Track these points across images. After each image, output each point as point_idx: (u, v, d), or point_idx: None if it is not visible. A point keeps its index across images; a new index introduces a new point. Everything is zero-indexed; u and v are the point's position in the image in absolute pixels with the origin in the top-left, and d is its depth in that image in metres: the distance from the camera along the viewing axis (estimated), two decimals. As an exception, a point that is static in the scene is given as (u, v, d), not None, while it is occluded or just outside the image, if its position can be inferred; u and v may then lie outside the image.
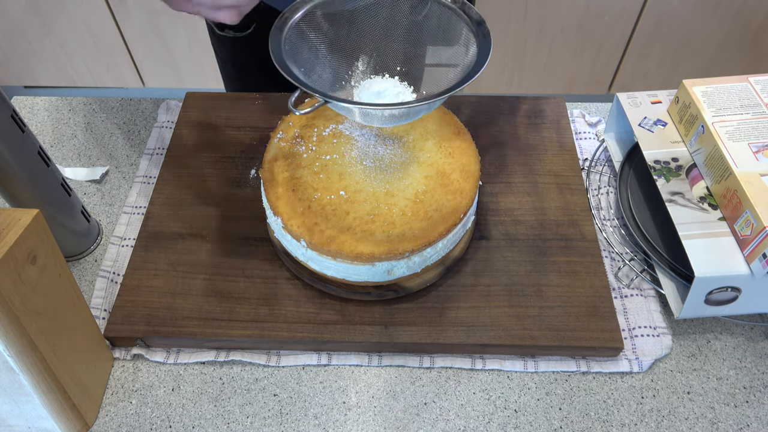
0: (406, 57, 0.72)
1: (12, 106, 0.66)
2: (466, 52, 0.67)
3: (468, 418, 0.67)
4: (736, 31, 1.73)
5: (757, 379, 0.70)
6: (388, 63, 0.72)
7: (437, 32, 0.70)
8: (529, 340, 0.70)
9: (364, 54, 0.72)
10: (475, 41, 0.66)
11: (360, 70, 0.73)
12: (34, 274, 0.56)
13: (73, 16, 1.75)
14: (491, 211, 0.81)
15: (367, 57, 0.72)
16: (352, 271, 0.69)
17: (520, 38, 1.76)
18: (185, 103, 0.94)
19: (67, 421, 0.64)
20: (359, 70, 0.73)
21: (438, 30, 0.70)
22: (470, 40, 0.67)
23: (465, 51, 0.67)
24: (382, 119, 0.66)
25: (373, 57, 0.72)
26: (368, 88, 0.71)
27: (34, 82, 1.97)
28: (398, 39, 0.71)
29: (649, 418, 0.67)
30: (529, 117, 0.92)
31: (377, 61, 0.72)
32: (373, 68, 0.73)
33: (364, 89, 0.71)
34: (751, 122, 0.73)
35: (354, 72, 0.73)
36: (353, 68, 0.72)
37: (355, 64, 0.72)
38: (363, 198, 0.70)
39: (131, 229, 0.82)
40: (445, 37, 0.69)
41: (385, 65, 0.73)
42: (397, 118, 0.66)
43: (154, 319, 0.71)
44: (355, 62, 0.72)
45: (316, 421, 0.67)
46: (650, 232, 0.76)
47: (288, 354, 0.72)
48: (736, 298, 0.68)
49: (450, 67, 0.69)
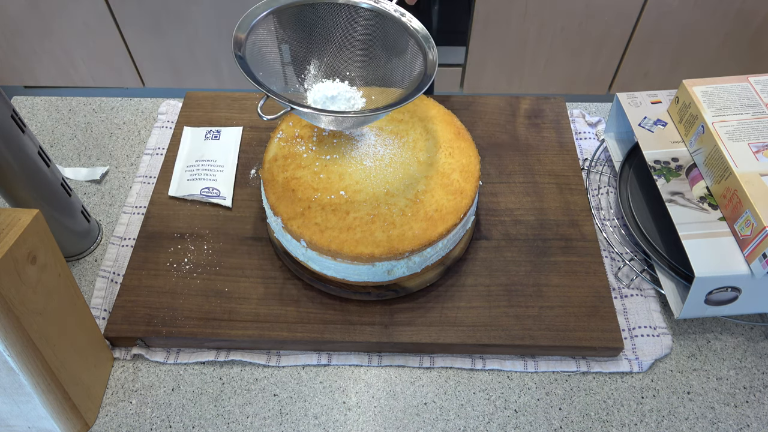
0: (358, 63, 0.75)
1: (12, 106, 0.66)
2: (414, 62, 0.71)
3: (468, 418, 0.67)
4: (736, 31, 1.73)
5: (757, 379, 0.70)
6: (340, 68, 0.75)
7: (387, 42, 0.73)
8: (529, 340, 0.70)
9: (317, 58, 0.74)
10: (422, 55, 0.70)
11: (312, 73, 0.75)
12: (34, 274, 0.56)
13: (73, 16, 1.75)
14: (491, 211, 0.81)
15: (319, 62, 0.75)
16: (352, 271, 0.69)
17: (520, 38, 1.76)
18: (185, 103, 0.94)
19: (67, 421, 0.64)
20: (311, 74, 0.75)
21: (387, 40, 0.73)
22: (417, 52, 0.70)
23: (412, 61, 0.71)
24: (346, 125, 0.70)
25: (324, 62, 0.75)
26: (321, 91, 0.73)
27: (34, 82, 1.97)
28: (351, 46, 0.74)
29: (649, 418, 0.67)
30: (529, 117, 0.92)
31: (329, 66, 0.75)
32: (324, 72, 0.75)
33: (317, 92, 0.74)
34: (751, 122, 0.73)
35: (306, 75, 0.75)
36: (306, 72, 0.75)
37: (308, 68, 0.75)
38: (363, 198, 0.70)
39: (131, 229, 0.82)
40: (393, 47, 0.73)
41: (337, 70, 0.75)
42: (359, 123, 0.70)
43: (154, 319, 0.71)
44: (308, 66, 0.75)
45: (316, 421, 0.67)
46: (650, 232, 0.76)
47: (288, 354, 0.72)
48: (736, 298, 0.68)
49: (398, 76, 0.73)
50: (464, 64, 1.86)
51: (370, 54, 0.74)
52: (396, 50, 0.72)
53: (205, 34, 1.77)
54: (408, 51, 0.71)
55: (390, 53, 0.73)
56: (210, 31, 1.76)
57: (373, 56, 0.74)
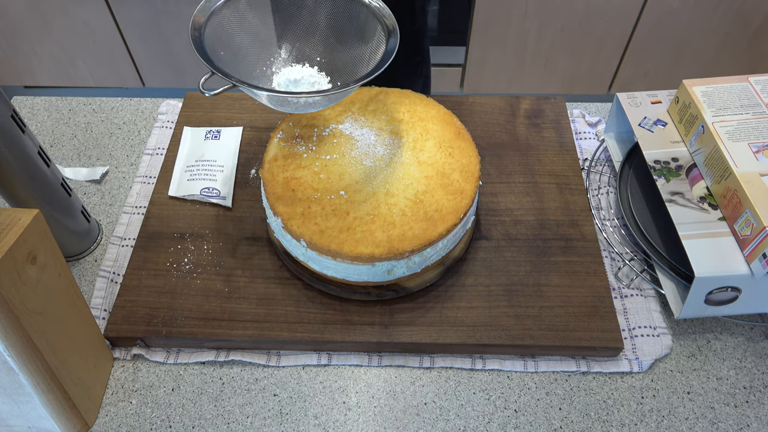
0: (326, 49, 0.75)
1: (12, 106, 0.66)
2: (377, 49, 0.70)
3: (468, 418, 0.67)
4: (736, 31, 1.73)
5: (757, 379, 0.70)
6: (309, 53, 0.75)
7: (354, 28, 0.73)
8: (529, 340, 0.70)
9: (287, 43, 0.74)
10: (385, 40, 0.69)
11: (282, 58, 0.75)
12: (34, 274, 0.56)
13: (73, 16, 1.75)
14: (491, 211, 0.81)
15: (290, 46, 0.75)
16: (352, 271, 0.69)
17: (520, 38, 1.76)
18: (185, 103, 0.94)
19: (67, 421, 0.64)
20: (281, 58, 0.75)
21: (355, 26, 0.73)
22: (382, 39, 0.70)
23: (376, 48, 0.70)
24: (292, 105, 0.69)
25: (295, 46, 0.75)
26: (287, 75, 0.73)
27: (34, 82, 1.97)
28: (318, 31, 0.74)
29: (649, 418, 0.67)
30: (529, 117, 0.92)
31: (299, 51, 0.75)
32: (294, 57, 0.75)
33: (282, 76, 0.74)
34: (751, 122, 0.73)
35: (275, 59, 0.75)
36: (275, 56, 0.75)
37: (278, 52, 0.75)
38: (363, 198, 0.70)
39: (131, 229, 0.82)
40: (360, 33, 0.72)
41: (306, 55, 0.75)
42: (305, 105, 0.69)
43: (154, 319, 0.71)
44: (277, 50, 0.75)
45: (316, 421, 0.67)
46: (650, 232, 0.76)
47: (288, 354, 0.72)
48: (736, 298, 0.68)
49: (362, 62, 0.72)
50: (464, 64, 1.86)
51: (337, 38, 0.74)
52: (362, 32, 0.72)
53: (205, 34, 1.77)
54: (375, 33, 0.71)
55: (355, 36, 0.73)
56: (210, 31, 1.76)
57: (340, 40, 0.74)
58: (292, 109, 0.69)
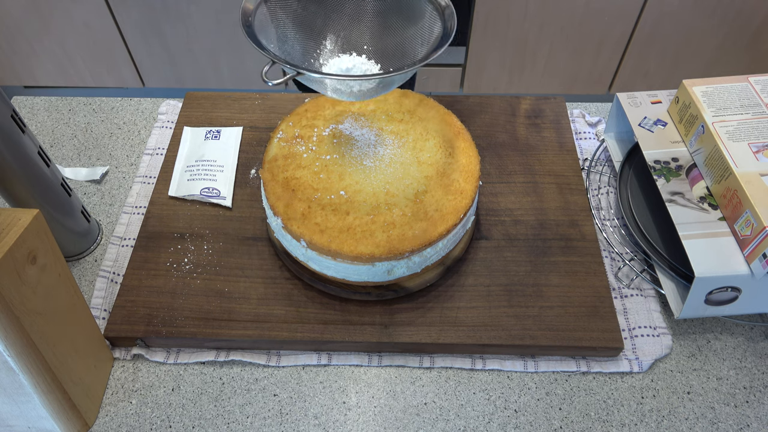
0: (374, 36, 0.73)
1: (12, 106, 0.66)
2: (432, 32, 0.68)
3: (468, 418, 0.67)
4: (736, 31, 1.73)
5: (757, 379, 0.70)
6: (357, 41, 0.73)
7: (404, 12, 0.71)
8: (529, 340, 0.70)
9: (333, 32, 0.73)
10: (441, 22, 0.67)
11: (328, 48, 0.73)
12: (34, 274, 0.56)
13: (73, 16, 1.75)
14: (491, 211, 0.81)
15: (335, 35, 0.73)
16: (352, 271, 0.69)
17: (520, 38, 1.76)
18: (185, 103, 0.94)
19: (67, 421, 0.64)
20: (327, 49, 0.73)
21: (405, 10, 0.71)
22: (435, 20, 0.68)
23: (430, 31, 0.69)
24: (351, 93, 0.67)
25: (341, 36, 0.73)
26: (337, 65, 0.72)
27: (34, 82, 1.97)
28: (366, 18, 0.72)
29: (649, 418, 0.67)
30: (529, 117, 0.92)
31: (345, 40, 0.73)
32: (341, 47, 0.74)
33: (332, 67, 0.72)
34: (751, 122, 0.73)
35: (322, 50, 0.73)
36: (321, 47, 0.73)
37: (324, 43, 0.73)
38: (363, 198, 0.70)
39: (131, 229, 0.82)
40: (411, 16, 0.70)
41: (354, 44, 0.74)
42: (364, 93, 0.67)
43: (154, 319, 0.71)
44: (323, 41, 0.73)
45: (316, 421, 0.67)
46: (650, 232, 0.76)
47: (288, 354, 0.72)
48: (736, 298, 0.68)
49: (415, 46, 0.70)
50: (464, 64, 1.86)
51: (387, 24, 0.72)
52: (413, 17, 0.70)
53: (205, 34, 1.77)
54: (425, 17, 0.69)
55: (406, 21, 0.70)
56: (210, 31, 1.76)
57: (389, 26, 0.72)
58: (353, 98, 0.68)
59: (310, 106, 0.79)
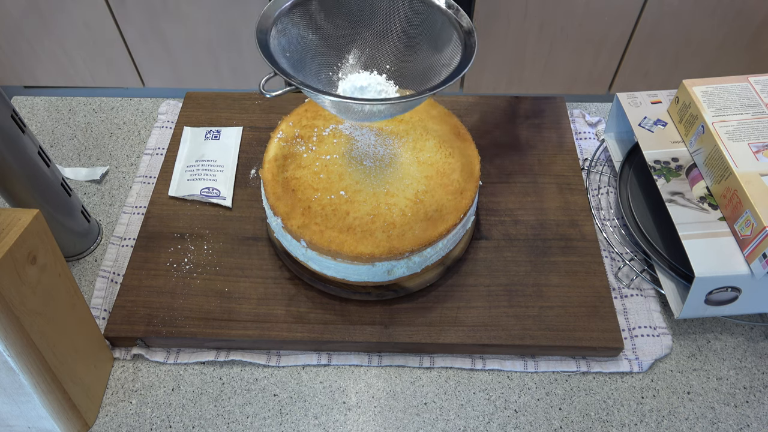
0: (396, 56, 0.72)
1: (12, 106, 0.66)
2: (452, 58, 0.67)
3: (468, 418, 0.67)
4: (736, 31, 1.73)
5: (757, 379, 0.70)
6: (378, 60, 0.72)
7: (428, 35, 0.70)
8: (529, 340, 0.70)
9: (356, 48, 0.72)
10: (461, 50, 0.66)
11: (349, 63, 0.72)
12: (34, 274, 0.56)
13: (73, 16, 1.75)
14: (491, 211, 0.81)
15: (358, 51, 0.72)
16: (352, 271, 0.69)
17: (520, 38, 1.76)
18: (185, 103, 0.94)
19: (67, 421, 0.64)
20: (348, 64, 0.72)
21: (429, 33, 0.70)
22: (458, 47, 0.67)
23: (451, 57, 0.68)
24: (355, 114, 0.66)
25: (365, 52, 0.72)
26: (353, 81, 0.70)
27: (34, 82, 1.97)
28: (390, 37, 0.71)
29: (649, 418, 0.67)
30: (529, 117, 0.92)
31: (367, 57, 0.72)
32: (362, 63, 0.72)
33: (348, 82, 0.71)
34: (751, 122, 0.73)
35: (343, 65, 0.72)
36: (342, 61, 0.72)
37: (346, 57, 0.72)
38: (363, 198, 0.70)
39: (131, 229, 0.82)
40: (435, 41, 0.69)
41: (375, 62, 0.72)
42: (369, 114, 0.66)
43: (154, 319, 0.71)
44: (346, 55, 0.72)
45: (316, 421, 0.67)
46: (650, 232, 0.76)
47: (288, 354, 0.72)
48: (736, 298, 0.68)
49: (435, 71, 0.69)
50: (464, 64, 1.85)
51: (410, 46, 0.70)
52: (437, 43, 0.68)
53: (204, 33, 1.77)
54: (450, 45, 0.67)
55: (430, 46, 0.69)
56: (210, 31, 1.76)
57: (413, 49, 0.70)
58: (356, 118, 0.67)
59: (310, 106, 0.79)
